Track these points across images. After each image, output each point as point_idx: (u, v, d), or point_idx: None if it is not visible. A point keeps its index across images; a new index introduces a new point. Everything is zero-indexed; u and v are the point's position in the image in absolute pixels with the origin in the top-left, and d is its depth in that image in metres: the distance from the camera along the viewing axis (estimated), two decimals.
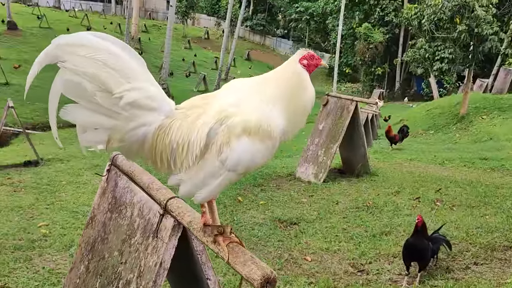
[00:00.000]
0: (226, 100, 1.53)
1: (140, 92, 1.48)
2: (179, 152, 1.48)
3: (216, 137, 1.46)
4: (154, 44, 41.30)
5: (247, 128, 1.45)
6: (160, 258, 1.55)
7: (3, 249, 4.70)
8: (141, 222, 1.74)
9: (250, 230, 5.39)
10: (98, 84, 1.46)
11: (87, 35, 1.50)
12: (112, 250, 1.80)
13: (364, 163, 7.81)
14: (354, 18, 39.85)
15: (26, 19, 34.99)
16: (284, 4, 52.30)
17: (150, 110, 1.51)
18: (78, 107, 1.48)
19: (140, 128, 1.51)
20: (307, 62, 1.63)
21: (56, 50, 1.45)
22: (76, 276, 1.97)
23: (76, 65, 1.45)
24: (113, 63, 1.46)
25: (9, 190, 6.98)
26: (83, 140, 1.52)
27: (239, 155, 1.44)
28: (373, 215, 5.87)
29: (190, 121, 1.50)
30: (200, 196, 1.48)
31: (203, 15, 58.26)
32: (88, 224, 2.06)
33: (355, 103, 7.43)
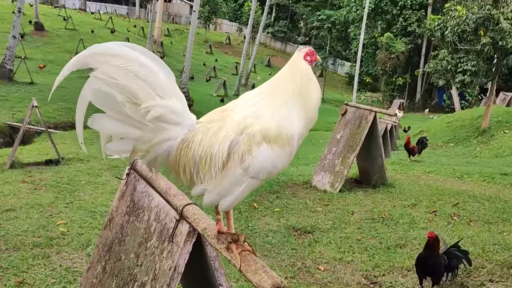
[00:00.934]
0: (244, 111, 1.57)
1: (167, 107, 1.51)
2: (202, 165, 1.53)
3: (237, 146, 1.50)
4: (176, 48, 41.80)
5: (267, 135, 1.49)
6: (175, 262, 1.59)
7: (22, 245, 4.82)
8: (157, 226, 1.78)
9: (264, 237, 5.41)
10: (128, 95, 1.49)
11: (120, 45, 1.51)
12: (129, 252, 1.85)
13: (381, 174, 7.76)
14: (376, 27, 39.72)
15: (53, 20, 35.80)
16: (306, 11, 52.38)
17: (174, 124, 1.55)
18: (106, 116, 1.52)
19: (166, 142, 1.55)
20: (310, 58, 1.69)
21: (88, 58, 1.48)
22: (93, 276, 2.03)
23: (107, 74, 1.47)
24: (144, 75, 1.49)
25: (30, 187, 7.15)
26: (108, 149, 1.56)
27: (261, 162, 1.48)
28: (388, 227, 5.83)
29: (211, 134, 1.54)
30: (225, 204, 1.53)
31: (225, 21, 58.73)
32: (106, 225, 2.12)
33: (374, 113, 7.40)
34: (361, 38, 29.72)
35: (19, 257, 4.49)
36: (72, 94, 19.73)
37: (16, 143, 8.96)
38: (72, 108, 17.12)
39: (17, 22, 19.33)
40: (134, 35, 39.55)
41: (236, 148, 1.50)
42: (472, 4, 16.28)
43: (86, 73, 1.71)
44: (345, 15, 41.88)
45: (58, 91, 7.13)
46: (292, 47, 56.23)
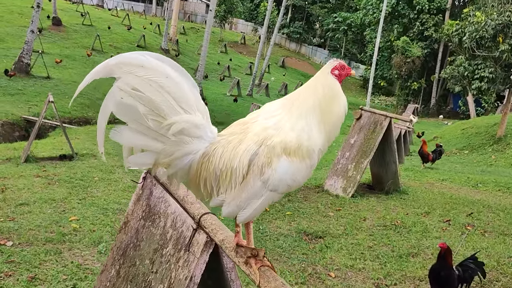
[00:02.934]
0: (264, 123, 1.55)
1: (190, 121, 1.50)
2: (222, 178, 1.51)
3: (256, 158, 1.48)
4: (191, 46, 41.92)
5: (287, 148, 1.47)
6: (191, 272, 1.57)
7: (35, 240, 4.85)
8: (173, 233, 1.77)
9: (275, 240, 5.39)
10: (151, 108, 1.47)
11: (146, 56, 1.49)
12: (144, 258, 1.84)
13: (394, 180, 7.69)
14: (392, 31, 39.43)
15: (71, 16, 36.11)
16: (322, 13, 52.20)
17: (196, 138, 1.53)
18: (127, 128, 1.50)
19: (187, 156, 1.54)
20: (338, 72, 1.64)
21: (114, 67, 1.45)
22: (106, 279, 2.02)
23: (130, 85, 1.45)
24: (169, 87, 1.47)
25: (44, 182, 7.21)
26: (129, 162, 1.54)
27: (280, 175, 1.46)
28: (400, 234, 5.77)
29: (231, 147, 1.52)
30: (243, 216, 1.50)
31: (240, 20, 58.79)
32: (121, 229, 2.11)
33: (389, 119, 7.34)
34: (377, 41, 29.52)
35: (31, 252, 4.52)
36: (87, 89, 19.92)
37: (31, 137, 9.05)
38: (86, 103, 17.29)
39: (36, 17, 19.51)
40: (150, 33, 39.73)
41: (256, 160, 1.48)
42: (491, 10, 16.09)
43: None
44: (362, 17, 41.68)
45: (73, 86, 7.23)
46: (307, 48, 56.11)
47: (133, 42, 33.95)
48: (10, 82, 17.60)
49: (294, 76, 46.95)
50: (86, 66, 24.44)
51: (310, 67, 52.32)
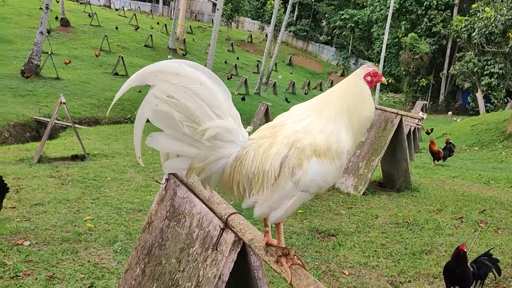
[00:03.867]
0: (293, 127, 1.59)
1: (223, 126, 1.54)
2: (255, 181, 1.55)
3: (287, 160, 1.52)
4: (198, 46, 42.01)
5: (317, 150, 1.51)
6: (220, 271, 1.60)
7: (52, 240, 4.92)
8: (200, 233, 1.80)
9: (288, 238, 5.41)
10: (186, 114, 1.51)
11: (181, 63, 1.53)
12: (170, 257, 1.87)
13: (405, 177, 7.68)
14: (400, 27, 39.22)
15: (78, 17, 36.31)
16: (329, 10, 52.04)
17: (229, 142, 1.57)
18: (163, 135, 1.54)
19: (221, 160, 1.58)
20: (371, 78, 1.66)
21: (150, 75, 1.50)
22: (131, 278, 2.06)
23: (165, 93, 1.49)
24: (203, 94, 1.51)
25: (58, 182, 7.29)
26: (166, 167, 1.59)
27: (311, 176, 1.50)
28: (413, 232, 5.77)
29: (262, 151, 1.56)
30: (275, 216, 1.54)
31: (247, 19, 58.78)
32: (145, 228, 2.15)
33: (400, 116, 7.33)
34: (385, 38, 29.40)
35: (49, 252, 4.59)
36: (96, 90, 20.03)
37: (44, 138, 9.15)
38: (96, 104, 17.42)
39: (45, 18, 19.66)
40: (157, 32, 39.86)
41: (287, 162, 1.52)
42: (501, 5, 15.98)
43: (110, 70, 1.70)
44: (369, 14, 41.52)
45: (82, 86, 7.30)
46: (314, 46, 55.99)
47: (140, 42, 34.08)
48: (21, 84, 17.76)
49: (302, 74, 46.90)
50: (94, 66, 24.60)
51: (318, 65, 52.24)
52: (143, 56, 31.17)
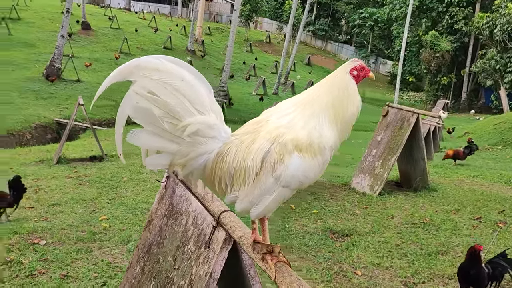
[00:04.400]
0: (277, 122, 1.57)
1: (204, 122, 1.53)
2: (236, 177, 1.54)
3: (269, 155, 1.50)
4: (216, 47, 42.20)
5: (299, 145, 1.48)
6: (211, 268, 1.60)
7: (67, 239, 5.00)
8: (195, 231, 1.80)
9: (301, 238, 5.38)
10: (166, 111, 1.50)
11: (161, 59, 1.52)
12: (167, 255, 1.88)
13: (423, 177, 7.56)
14: (420, 25, 38.65)
15: (99, 20, 36.87)
16: (348, 9, 51.66)
17: (210, 138, 1.57)
18: (144, 131, 1.53)
19: (202, 156, 1.57)
20: (357, 73, 1.63)
21: (129, 71, 1.49)
22: (132, 276, 2.08)
23: (146, 89, 1.48)
24: (184, 90, 1.50)
25: (75, 183, 7.41)
26: (147, 163, 1.59)
27: (292, 171, 1.48)
28: (429, 232, 5.67)
29: (244, 146, 1.55)
30: (256, 212, 1.53)
31: (265, 19, 58.78)
32: (146, 227, 2.17)
33: (417, 115, 7.22)
34: (404, 36, 29.03)
35: (63, 251, 4.66)
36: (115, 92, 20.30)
37: (63, 139, 9.31)
38: (115, 106, 17.66)
39: (66, 22, 20.03)
40: (176, 34, 40.19)
41: (268, 157, 1.50)
42: None
43: None
44: (388, 12, 41.03)
45: None
46: (332, 45, 55.65)
47: (159, 44, 34.42)
48: (43, 86, 18.12)
49: (320, 74, 46.63)
50: (114, 68, 24.83)
51: (337, 64, 51.87)
52: None
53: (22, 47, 26.30)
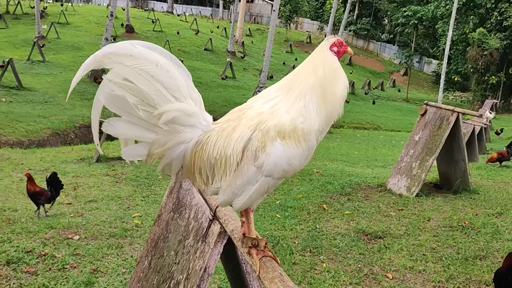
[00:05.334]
0: (259, 108, 1.50)
1: (180, 109, 1.48)
2: (217, 166, 1.48)
3: (250, 143, 1.43)
4: (256, 48, 42.33)
5: (282, 131, 1.41)
6: (205, 263, 1.56)
7: (100, 235, 5.12)
8: (195, 225, 1.77)
9: (332, 239, 5.27)
10: (141, 98, 1.45)
11: (135, 45, 1.47)
12: (170, 249, 1.86)
13: (463, 179, 7.24)
14: (467, 22, 37.22)
15: (142, 23, 37.85)
16: (391, 8, 50.49)
17: (189, 126, 1.51)
18: (120, 120, 1.49)
19: (180, 145, 1.52)
20: (337, 49, 1.56)
21: (103, 58, 1.44)
22: (140, 270, 2.08)
23: (120, 76, 1.44)
24: (159, 75, 1.45)
25: (112, 181, 7.59)
26: (125, 153, 1.55)
27: (275, 160, 1.40)
28: (468, 236, 5.42)
29: (225, 135, 1.49)
30: (239, 204, 1.46)
31: (306, 19, 58.43)
32: (156, 221, 2.16)
33: (457, 114, 6.92)
34: (449, 34, 28.03)
35: (95, 246, 4.77)
36: None
37: (102, 138, 9.57)
38: None
39: (109, 25, 20.63)
40: (217, 36, 40.65)
41: (250, 145, 1.43)
42: None
43: None
44: (433, 10, 39.72)
45: None
46: (375, 44, 54.62)
47: (200, 45, 34.90)
48: (88, 88, 18.72)
49: (362, 73, 45.89)
50: None
51: (379, 64, 50.88)
52: (202, 60, 31.89)
53: (70, 50, 27.38)
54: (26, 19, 34.72)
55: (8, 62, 17.10)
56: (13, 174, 8.00)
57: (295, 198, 6.79)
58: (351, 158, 12.08)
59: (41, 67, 22.47)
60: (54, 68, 22.62)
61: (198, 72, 27.09)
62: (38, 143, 12.83)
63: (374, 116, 26.06)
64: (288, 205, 6.45)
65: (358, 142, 16.76)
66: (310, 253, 4.90)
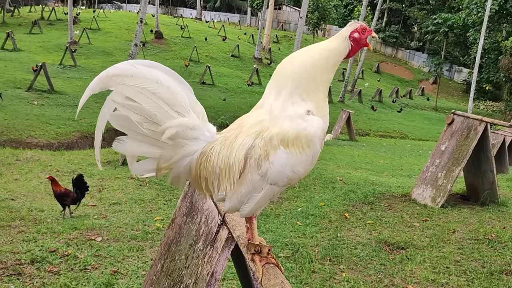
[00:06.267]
0: (258, 114, 1.50)
1: (183, 124, 1.50)
2: (222, 175, 1.49)
3: (253, 151, 1.43)
4: (283, 54, 42.35)
5: (284, 139, 1.40)
6: (213, 268, 1.57)
7: (121, 237, 5.19)
8: (205, 229, 1.78)
9: (353, 249, 5.20)
10: (144, 116, 1.48)
11: (136, 65, 1.51)
12: (181, 253, 1.87)
13: (491, 190, 7.04)
14: (500, 31, 36.41)
15: (171, 29, 38.43)
16: (421, 15, 49.82)
17: (193, 139, 1.53)
18: (127, 138, 1.53)
19: (186, 158, 1.54)
20: (359, 35, 1.52)
21: (106, 80, 1.48)
22: (153, 273, 2.10)
23: (122, 96, 1.48)
24: (160, 93, 1.48)
25: (136, 184, 7.71)
26: (134, 169, 1.58)
27: (279, 168, 1.40)
28: (494, 250, 5.25)
29: (228, 144, 1.50)
30: (245, 211, 1.47)
31: (334, 27, 58.16)
32: (170, 225, 2.18)
33: (485, 124, 6.75)
34: (480, 42, 27.45)
35: (117, 248, 4.84)
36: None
37: None
38: None
39: (139, 31, 21.01)
40: (244, 42, 40.92)
41: (252, 153, 1.43)
42: None
43: (197, 79, 1.74)
44: (464, 18, 39.03)
45: None
46: (404, 52, 53.95)
47: (227, 52, 35.19)
48: None
49: (390, 81, 45.37)
50: (183, 76, 25.37)
51: (407, 72, 50.20)
52: (229, 66, 32.15)
53: (100, 55, 28.04)
54: (59, 25, 35.77)
55: (41, 66, 17.64)
56: (42, 175, 8.22)
57: (316, 206, 6.74)
58: (376, 166, 11.92)
59: (72, 71, 23.09)
60: (85, 72, 23.19)
61: (225, 78, 27.32)
62: (67, 145, 13.17)
63: (401, 125, 25.69)
64: (309, 213, 6.40)
65: (384, 150, 16.54)
66: (330, 262, 4.85)
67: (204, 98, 20.64)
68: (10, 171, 8.64)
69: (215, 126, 1.63)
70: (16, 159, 9.63)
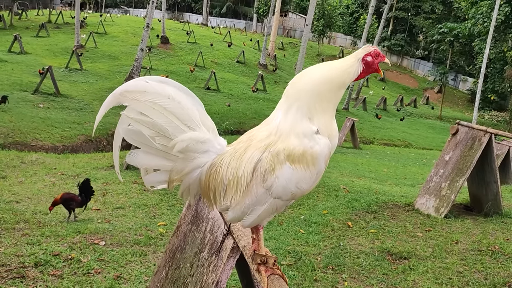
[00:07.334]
0: (268, 129, 1.54)
1: (194, 138, 1.54)
2: (229, 187, 1.52)
3: (260, 164, 1.47)
4: (288, 61, 42.50)
5: (291, 155, 1.43)
6: (218, 277, 1.59)
7: (125, 241, 5.21)
8: (210, 238, 1.81)
9: (355, 258, 5.20)
10: (157, 130, 1.53)
11: (148, 80, 1.56)
12: (186, 261, 1.89)
13: (495, 201, 7.03)
14: (506, 41, 36.38)
15: (177, 34, 38.61)
16: (426, 24, 49.87)
17: (203, 152, 1.58)
18: (140, 151, 1.58)
19: (196, 170, 1.59)
20: (372, 59, 1.54)
21: (120, 96, 1.54)
22: (158, 280, 2.11)
23: (135, 112, 1.53)
24: (172, 108, 1.53)
25: (140, 189, 7.74)
26: (147, 180, 1.63)
27: (283, 183, 1.43)
28: (497, 261, 5.24)
29: (237, 156, 1.53)
30: (247, 222, 1.50)
31: (339, 34, 58.36)
32: (175, 232, 2.20)
33: (489, 135, 6.75)
34: (485, 52, 27.43)
35: (120, 253, 4.86)
36: None
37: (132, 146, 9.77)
38: None
39: (145, 36, 21.17)
40: (249, 49, 41.04)
41: (259, 166, 1.47)
42: None
43: (202, 84, 1.79)
44: (470, 27, 39.03)
45: None
46: (409, 61, 53.98)
47: (233, 58, 35.30)
48: None
49: (395, 90, 45.36)
50: (188, 81, 25.93)
51: (412, 80, 50.19)
52: (234, 72, 32.23)
53: (106, 60, 28.19)
54: (66, 28, 36.03)
55: (47, 69, 17.76)
56: (46, 178, 8.26)
57: (320, 214, 6.74)
58: (380, 175, 11.91)
59: (78, 75, 23.22)
60: (91, 76, 23.33)
61: (230, 84, 27.39)
62: (71, 148, 13.23)
63: (405, 133, 25.66)
64: (312, 221, 6.41)
65: (387, 159, 16.53)
66: (332, 270, 4.85)
67: (208, 103, 20.70)
68: (15, 173, 8.69)
69: (219, 131, 1.68)
70: (21, 162, 9.68)
